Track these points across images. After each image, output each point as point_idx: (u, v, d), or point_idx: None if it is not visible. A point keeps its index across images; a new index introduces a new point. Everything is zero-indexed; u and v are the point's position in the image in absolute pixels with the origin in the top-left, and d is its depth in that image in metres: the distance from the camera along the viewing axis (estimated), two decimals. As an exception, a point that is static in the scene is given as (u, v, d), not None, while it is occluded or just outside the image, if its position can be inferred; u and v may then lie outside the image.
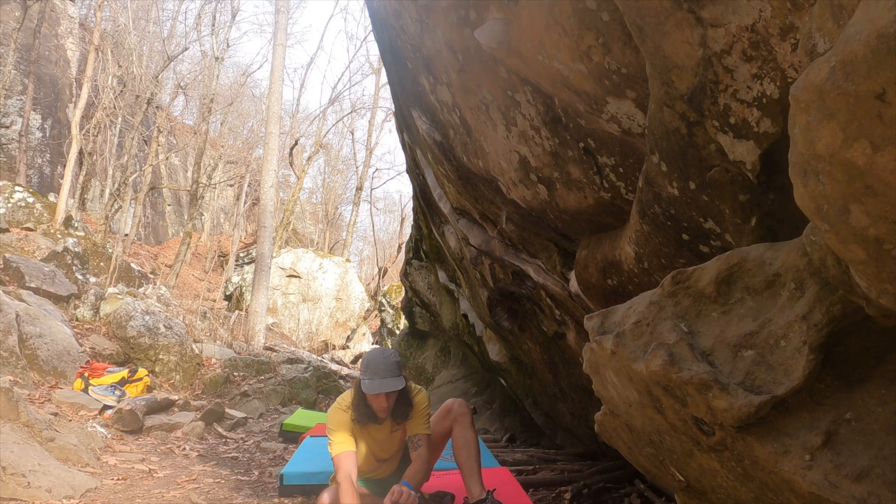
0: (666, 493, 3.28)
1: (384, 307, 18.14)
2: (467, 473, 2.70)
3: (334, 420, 2.66)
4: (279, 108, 13.08)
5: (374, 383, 2.53)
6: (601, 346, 1.49)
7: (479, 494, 2.64)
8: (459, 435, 2.75)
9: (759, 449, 1.17)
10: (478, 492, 2.65)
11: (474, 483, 2.68)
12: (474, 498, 2.64)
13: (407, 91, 3.28)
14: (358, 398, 2.64)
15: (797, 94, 0.87)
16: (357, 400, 2.65)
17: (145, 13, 18.25)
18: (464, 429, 2.75)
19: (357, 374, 11.54)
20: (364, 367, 2.62)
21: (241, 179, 23.14)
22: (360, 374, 2.63)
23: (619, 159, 1.91)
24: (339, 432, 2.62)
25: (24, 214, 11.06)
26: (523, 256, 3.26)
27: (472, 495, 2.66)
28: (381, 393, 2.54)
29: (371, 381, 2.54)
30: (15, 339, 5.35)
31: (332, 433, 2.63)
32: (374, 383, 2.53)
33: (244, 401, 7.19)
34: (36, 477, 3.14)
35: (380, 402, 2.58)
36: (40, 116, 15.59)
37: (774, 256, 1.24)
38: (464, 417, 2.78)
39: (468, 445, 2.73)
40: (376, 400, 2.58)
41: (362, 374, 2.60)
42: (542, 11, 1.63)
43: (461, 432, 2.75)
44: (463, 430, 2.75)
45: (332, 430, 2.64)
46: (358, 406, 2.64)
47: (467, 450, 2.71)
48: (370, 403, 2.61)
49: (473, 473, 2.69)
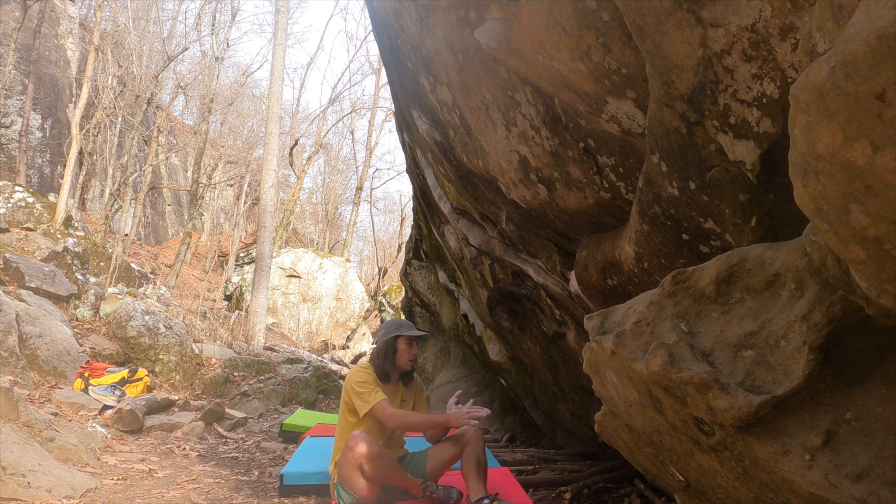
0: (666, 493, 3.28)
1: (384, 307, 18.14)
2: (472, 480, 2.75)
3: (361, 376, 2.85)
4: (279, 108, 13.08)
5: (413, 330, 2.94)
6: (601, 346, 1.49)
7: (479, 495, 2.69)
8: (472, 452, 2.82)
9: (759, 449, 1.17)
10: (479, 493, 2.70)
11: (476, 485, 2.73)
12: (475, 496, 2.69)
13: (407, 91, 3.28)
14: (384, 355, 2.92)
15: (797, 94, 0.87)
16: (383, 357, 2.92)
17: (145, 13, 18.25)
18: (478, 449, 2.83)
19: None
20: (395, 325, 2.98)
21: (241, 179, 23.14)
22: (391, 331, 2.95)
23: (619, 159, 1.91)
24: (370, 384, 2.82)
25: (24, 214, 11.07)
26: (523, 256, 3.26)
27: (473, 494, 2.71)
28: (415, 341, 2.93)
29: (410, 329, 2.94)
30: (15, 339, 5.35)
31: (364, 385, 2.81)
32: (413, 330, 2.94)
33: (244, 401, 7.19)
34: (36, 477, 3.14)
35: (413, 351, 2.94)
36: (40, 116, 15.59)
37: (774, 256, 1.24)
38: (478, 441, 2.87)
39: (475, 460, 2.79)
40: (409, 351, 2.93)
41: (396, 330, 2.94)
42: (542, 11, 1.63)
43: (474, 451, 2.82)
44: (476, 450, 2.83)
45: (363, 382, 2.82)
46: (383, 363, 2.92)
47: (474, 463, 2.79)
48: (400, 356, 2.92)
49: (478, 480, 2.75)
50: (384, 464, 2.69)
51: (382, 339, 2.96)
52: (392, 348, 2.93)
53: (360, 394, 2.79)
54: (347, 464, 2.67)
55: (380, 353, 2.94)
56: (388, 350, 2.93)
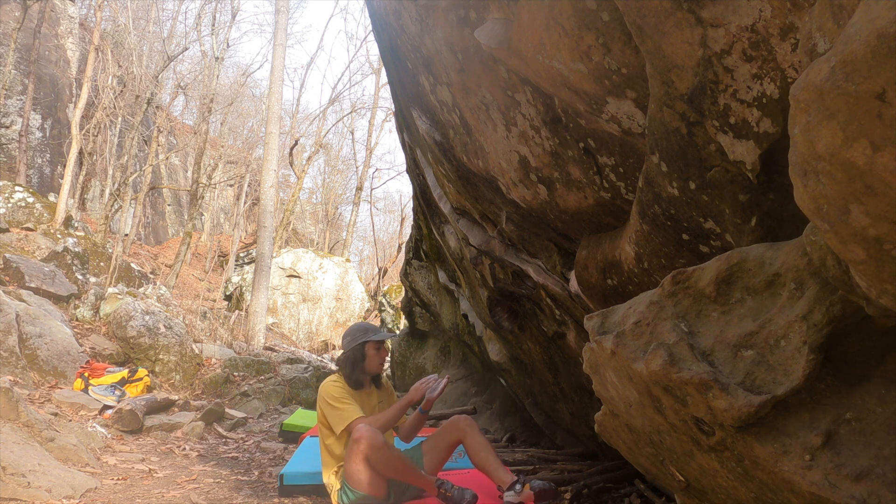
0: (666, 493, 3.28)
1: (384, 307, 18.14)
2: (493, 468, 2.81)
3: (334, 391, 2.82)
4: (279, 108, 13.08)
5: (379, 333, 2.94)
6: (601, 346, 1.49)
7: (510, 479, 2.73)
8: (473, 441, 2.89)
9: (759, 449, 1.17)
10: (508, 478, 2.74)
11: (502, 472, 2.78)
12: (506, 483, 2.71)
13: (407, 91, 3.28)
14: (353, 363, 2.90)
15: (797, 94, 0.86)
16: (352, 365, 2.90)
17: (145, 13, 18.25)
18: (476, 436, 2.92)
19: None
20: (361, 331, 2.95)
21: (241, 179, 23.14)
22: (357, 338, 2.92)
23: (619, 159, 1.91)
24: (345, 399, 2.79)
25: (24, 214, 11.07)
26: (523, 256, 3.26)
27: (503, 482, 2.74)
28: (384, 346, 2.93)
29: (376, 333, 2.94)
30: (15, 339, 5.35)
31: (339, 401, 2.77)
32: (378, 333, 2.93)
33: (244, 401, 7.18)
34: (36, 477, 3.14)
35: (382, 354, 2.93)
36: (40, 116, 15.59)
37: (774, 256, 1.24)
38: (472, 428, 2.95)
39: (485, 447, 2.87)
40: (378, 355, 2.91)
41: (363, 336, 2.91)
42: (542, 11, 1.63)
43: (475, 439, 2.90)
44: (476, 438, 2.91)
45: (338, 398, 2.78)
46: (353, 372, 2.90)
47: (485, 450, 2.85)
48: (369, 362, 2.91)
49: (498, 466, 2.81)
50: (393, 455, 2.68)
51: (349, 346, 2.92)
52: (361, 354, 2.90)
53: (336, 410, 2.75)
54: (353, 457, 2.64)
55: (348, 362, 2.91)
56: (357, 357, 2.90)
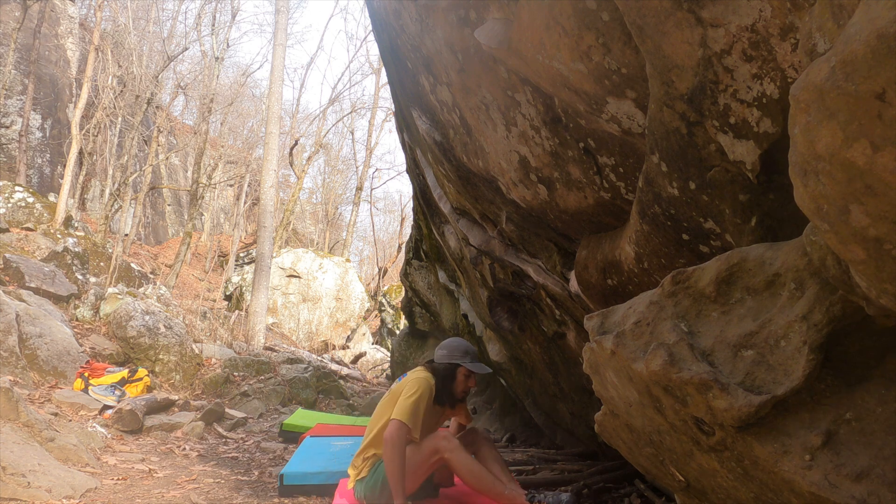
0: (666, 493, 3.28)
1: (384, 307, 18.14)
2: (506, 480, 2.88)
3: (425, 394, 2.78)
4: (279, 108, 13.07)
5: (476, 364, 2.91)
6: (601, 346, 1.49)
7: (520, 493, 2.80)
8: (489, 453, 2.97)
9: (759, 449, 1.17)
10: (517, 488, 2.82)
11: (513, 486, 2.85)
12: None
13: (407, 91, 3.28)
14: (445, 380, 2.88)
15: (797, 94, 0.87)
16: (444, 382, 2.88)
17: (145, 13, 18.25)
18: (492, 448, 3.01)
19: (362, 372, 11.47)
20: (460, 351, 2.92)
21: (241, 179, 23.14)
22: (456, 357, 2.91)
23: (619, 159, 1.91)
24: (422, 409, 2.75)
25: (24, 214, 11.07)
26: (523, 256, 3.26)
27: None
28: (473, 375, 2.91)
29: (476, 364, 2.90)
30: (15, 339, 5.35)
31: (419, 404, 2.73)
32: (478, 366, 2.90)
33: (244, 401, 7.18)
34: (36, 477, 3.14)
35: (469, 383, 2.92)
36: (40, 116, 15.59)
37: (774, 256, 1.24)
38: (489, 441, 3.05)
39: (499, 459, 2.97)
40: (465, 382, 2.91)
41: (462, 358, 2.90)
42: (542, 11, 1.63)
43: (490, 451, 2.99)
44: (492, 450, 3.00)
45: (420, 400, 2.75)
46: (443, 388, 2.88)
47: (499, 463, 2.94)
48: (456, 385, 2.90)
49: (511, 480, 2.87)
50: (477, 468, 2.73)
51: (443, 360, 2.92)
52: (451, 375, 2.90)
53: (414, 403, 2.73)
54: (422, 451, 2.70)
55: (439, 377, 2.89)
56: (447, 377, 2.89)
